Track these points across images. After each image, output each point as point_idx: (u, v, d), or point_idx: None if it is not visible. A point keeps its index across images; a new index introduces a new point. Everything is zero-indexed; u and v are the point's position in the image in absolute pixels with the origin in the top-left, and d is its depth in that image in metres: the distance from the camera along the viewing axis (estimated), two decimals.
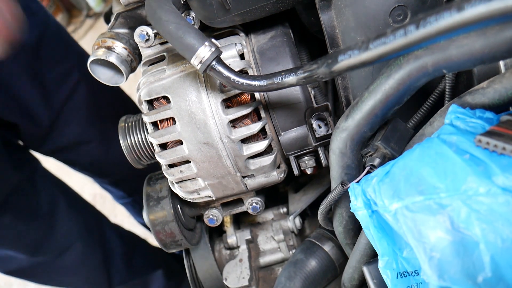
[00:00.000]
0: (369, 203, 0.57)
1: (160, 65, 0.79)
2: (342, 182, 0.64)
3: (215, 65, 0.64)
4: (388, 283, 0.57)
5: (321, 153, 0.78)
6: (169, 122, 0.77)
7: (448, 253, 0.46)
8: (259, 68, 0.77)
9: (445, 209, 0.47)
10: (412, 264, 0.54)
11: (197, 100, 0.73)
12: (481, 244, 0.44)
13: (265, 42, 0.79)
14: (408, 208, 0.50)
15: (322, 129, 0.77)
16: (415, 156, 0.54)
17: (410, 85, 0.56)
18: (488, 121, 0.53)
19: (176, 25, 0.63)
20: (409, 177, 0.52)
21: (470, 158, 0.49)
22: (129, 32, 0.84)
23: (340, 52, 0.52)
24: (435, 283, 0.47)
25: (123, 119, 0.88)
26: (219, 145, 0.74)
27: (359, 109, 0.62)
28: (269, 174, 0.79)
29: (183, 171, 0.78)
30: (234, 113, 0.73)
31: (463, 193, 0.46)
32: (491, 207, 0.45)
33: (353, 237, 0.74)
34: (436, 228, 0.47)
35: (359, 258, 0.72)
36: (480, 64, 0.51)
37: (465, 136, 0.51)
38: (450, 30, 0.39)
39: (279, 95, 0.76)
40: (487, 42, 0.49)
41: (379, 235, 0.57)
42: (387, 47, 0.45)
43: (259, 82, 0.64)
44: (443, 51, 0.52)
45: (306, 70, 0.59)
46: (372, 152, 0.65)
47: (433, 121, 0.60)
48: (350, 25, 0.68)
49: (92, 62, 0.80)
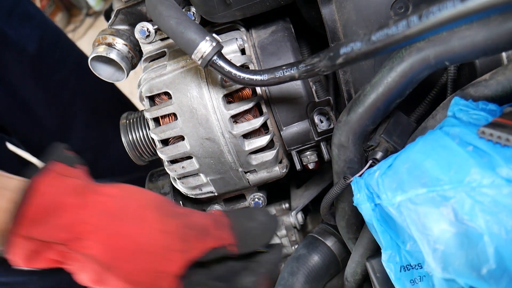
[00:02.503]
0: (372, 196, 0.57)
1: (161, 61, 0.78)
2: (344, 176, 0.64)
3: (216, 60, 0.64)
4: (391, 277, 0.57)
5: (323, 147, 0.78)
6: (171, 118, 0.77)
7: (452, 245, 0.46)
8: (260, 63, 0.77)
9: (448, 201, 0.47)
10: (415, 257, 0.54)
11: (198, 95, 0.73)
12: (485, 236, 0.44)
13: (266, 37, 0.78)
14: (412, 201, 0.50)
15: (324, 124, 0.76)
16: (418, 149, 0.53)
17: (412, 78, 0.56)
18: (491, 113, 0.53)
19: (177, 20, 0.63)
20: (412, 169, 0.52)
21: (474, 150, 0.48)
22: (130, 28, 0.84)
23: (341, 45, 0.51)
24: (439, 275, 0.47)
25: (124, 116, 0.88)
26: (221, 141, 0.74)
27: (361, 102, 0.61)
28: (271, 169, 0.79)
29: (185, 167, 0.77)
30: (236, 108, 0.73)
31: (467, 185, 0.46)
32: (495, 198, 0.45)
33: (356, 232, 0.74)
34: (440, 220, 0.47)
35: (362, 252, 0.71)
36: (483, 55, 0.51)
37: (468, 128, 0.51)
38: (453, 20, 0.39)
39: (280, 90, 0.76)
40: (489, 34, 0.48)
41: (382, 228, 0.57)
42: (389, 38, 0.45)
43: (261, 77, 0.64)
44: (445, 43, 0.51)
45: (308, 64, 0.59)
46: (374, 146, 0.65)
47: (435, 114, 0.59)
48: (351, 19, 0.68)
49: (93, 59, 0.80)
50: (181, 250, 0.59)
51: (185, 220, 0.61)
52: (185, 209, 0.65)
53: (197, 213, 0.65)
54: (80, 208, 0.56)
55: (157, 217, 0.60)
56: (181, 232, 0.60)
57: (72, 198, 0.56)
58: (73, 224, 0.55)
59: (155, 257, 0.57)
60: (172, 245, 0.58)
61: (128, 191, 0.62)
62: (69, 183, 0.57)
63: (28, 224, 0.53)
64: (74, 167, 0.61)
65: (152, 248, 0.57)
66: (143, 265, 0.57)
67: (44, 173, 0.56)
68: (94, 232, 0.56)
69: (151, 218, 0.59)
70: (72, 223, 0.55)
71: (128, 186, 0.63)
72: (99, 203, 0.58)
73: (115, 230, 0.57)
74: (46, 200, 0.54)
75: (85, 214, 0.56)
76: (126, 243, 0.57)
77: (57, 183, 0.56)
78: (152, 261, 0.57)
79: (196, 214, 0.64)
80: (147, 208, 0.60)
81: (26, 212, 0.53)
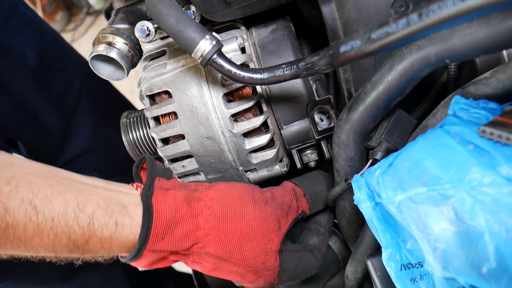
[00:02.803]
0: (372, 195, 0.57)
1: (161, 59, 0.78)
2: (346, 178, 0.65)
3: (216, 58, 0.64)
4: (391, 275, 0.57)
5: (324, 146, 0.78)
6: (171, 116, 0.77)
7: (452, 244, 0.46)
8: (260, 62, 0.77)
9: (449, 200, 0.47)
10: (416, 256, 0.54)
11: (198, 94, 0.73)
12: (486, 235, 0.44)
13: (266, 36, 0.78)
14: (412, 200, 0.50)
15: (324, 122, 0.76)
16: (418, 147, 0.53)
17: (413, 76, 0.56)
18: (491, 111, 0.53)
19: (176, 19, 0.63)
20: (412, 168, 0.52)
21: (474, 149, 0.48)
22: (130, 27, 0.84)
23: (341, 43, 0.51)
24: (439, 274, 0.47)
25: (124, 115, 0.88)
26: (221, 139, 0.74)
27: (361, 101, 0.61)
28: (272, 168, 0.79)
29: (186, 166, 0.77)
30: (236, 107, 0.73)
31: (467, 183, 0.46)
32: (496, 197, 0.45)
33: (357, 230, 0.74)
34: (440, 219, 0.47)
35: (362, 251, 0.71)
36: (483, 54, 0.51)
37: (469, 126, 0.51)
38: (453, 18, 0.39)
39: (280, 89, 0.76)
40: (490, 32, 0.48)
41: (383, 227, 0.57)
42: (389, 36, 0.45)
43: (261, 75, 0.64)
44: (446, 41, 0.51)
45: (308, 62, 0.59)
46: (375, 146, 0.65)
47: (436, 112, 0.59)
48: (351, 17, 0.68)
49: (93, 58, 0.80)
50: (277, 229, 0.70)
51: (275, 203, 0.71)
52: (269, 191, 0.73)
53: (278, 190, 0.74)
54: (193, 217, 0.65)
55: (254, 207, 0.69)
56: (275, 214, 0.70)
57: (184, 210, 0.64)
58: (191, 232, 0.64)
59: (259, 241, 0.68)
60: (270, 228, 0.69)
61: (224, 191, 0.70)
62: (178, 197, 0.65)
63: (155, 241, 0.61)
64: (172, 179, 0.68)
65: (256, 235, 0.68)
66: (251, 250, 0.68)
67: (156, 192, 0.64)
68: (207, 234, 0.65)
69: (250, 210, 0.69)
70: (190, 231, 0.64)
71: (222, 186, 0.71)
72: (205, 208, 0.66)
73: (224, 228, 0.66)
74: (166, 218, 0.62)
75: (198, 221, 0.65)
76: (234, 236, 0.67)
77: (169, 200, 0.64)
78: (258, 245, 0.68)
79: (279, 192, 0.74)
80: (244, 202, 0.69)
81: (152, 232, 0.61)
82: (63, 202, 0.56)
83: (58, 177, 0.58)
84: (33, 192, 0.54)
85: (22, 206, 0.52)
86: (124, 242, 0.61)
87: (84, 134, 1.45)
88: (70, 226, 0.56)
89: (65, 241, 0.56)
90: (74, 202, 0.57)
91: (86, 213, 0.57)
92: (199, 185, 0.71)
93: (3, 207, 0.51)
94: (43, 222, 0.54)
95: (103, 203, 0.59)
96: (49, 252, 0.58)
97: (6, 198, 0.51)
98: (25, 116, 1.29)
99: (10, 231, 0.52)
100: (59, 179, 0.58)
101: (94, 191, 0.60)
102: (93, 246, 0.59)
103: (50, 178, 0.57)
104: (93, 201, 0.58)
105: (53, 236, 0.55)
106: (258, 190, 0.73)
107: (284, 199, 0.73)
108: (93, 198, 0.59)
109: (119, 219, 0.60)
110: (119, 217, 0.60)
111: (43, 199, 0.54)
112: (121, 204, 0.61)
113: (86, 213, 0.57)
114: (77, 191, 0.58)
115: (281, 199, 0.73)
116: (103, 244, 0.59)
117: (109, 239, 0.59)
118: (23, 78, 1.27)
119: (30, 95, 1.29)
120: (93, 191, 0.60)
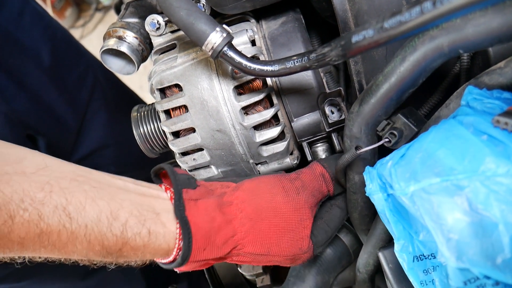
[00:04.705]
0: (384, 186, 0.56)
1: (172, 53, 0.78)
2: (356, 146, 0.63)
3: (227, 50, 0.63)
4: (404, 267, 0.56)
5: (335, 138, 0.78)
6: (182, 110, 0.77)
7: (466, 234, 0.46)
8: (270, 54, 0.77)
9: (463, 191, 0.46)
10: (428, 247, 0.53)
11: (209, 87, 0.73)
12: (500, 225, 0.44)
13: (276, 28, 0.78)
14: (425, 190, 0.49)
15: (335, 115, 0.76)
16: (431, 138, 0.53)
17: (425, 67, 0.55)
18: (506, 101, 0.52)
19: (187, 11, 0.63)
20: (425, 159, 0.51)
21: (488, 139, 0.48)
22: (140, 21, 0.84)
23: (353, 33, 0.51)
24: (453, 264, 0.46)
25: (135, 109, 0.88)
26: (232, 132, 0.74)
27: (373, 93, 0.61)
28: (282, 161, 0.79)
29: (196, 159, 0.78)
30: (246, 100, 0.73)
31: (481, 174, 0.46)
32: (511, 187, 0.44)
33: (368, 223, 0.74)
34: (454, 209, 0.47)
35: (374, 243, 0.71)
36: (498, 43, 0.50)
37: (483, 117, 0.50)
38: (467, 6, 0.38)
39: (291, 81, 0.76)
40: (505, 20, 0.47)
41: (395, 218, 0.56)
42: (402, 25, 0.44)
43: (271, 67, 0.64)
44: (459, 30, 0.50)
45: (319, 53, 0.58)
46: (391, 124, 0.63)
47: (449, 103, 0.59)
48: (363, 8, 0.67)
49: (104, 52, 0.80)
50: (310, 216, 0.71)
51: (307, 191, 0.71)
52: (299, 179, 0.73)
53: (308, 175, 0.74)
54: (228, 223, 0.65)
55: (287, 199, 0.69)
56: (308, 202, 0.71)
57: (220, 219, 0.64)
58: (229, 239, 0.65)
59: (295, 231, 0.69)
60: (304, 215, 0.70)
61: (253, 191, 0.69)
62: (209, 205, 0.65)
63: (196, 254, 0.62)
64: (198, 187, 0.68)
65: (292, 226, 0.69)
66: (288, 241, 0.69)
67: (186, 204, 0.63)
68: (244, 236, 0.66)
69: (282, 203, 0.69)
70: (228, 238, 0.65)
71: (249, 184, 0.70)
72: (239, 211, 0.67)
73: (259, 228, 0.67)
74: (204, 230, 0.63)
75: (234, 226, 0.66)
76: (271, 233, 0.68)
77: (202, 211, 0.64)
78: (294, 235, 0.69)
79: (308, 178, 0.73)
80: (275, 196, 0.69)
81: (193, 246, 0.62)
82: (96, 209, 0.56)
83: (91, 181, 0.58)
84: (67, 199, 0.54)
85: (56, 213, 0.53)
86: (157, 249, 0.61)
87: (99, 129, 1.46)
88: (104, 234, 0.56)
89: (98, 248, 0.57)
90: (107, 209, 0.57)
91: (119, 221, 0.57)
92: (225, 187, 0.70)
93: (38, 213, 0.52)
94: (77, 229, 0.54)
95: (135, 211, 0.59)
96: (82, 257, 0.58)
97: (41, 205, 0.52)
98: (43, 112, 1.29)
99: (44, 237, 0.53)
100: (92, 183, 0.58)
101: (126, 196, 0.60)
102: (126, 253, 0.59)
103: (83, 183, 0.57)
104: (126, 208, 0.58)
105: (86, 243, 0.56)
106: (287, 179, 0.72)
107: (315, 184, 0.73)
108: (125, 205, 0.59)
109: (152, 227, 0.60)
110: (152, 225, 0.60)
111: (77, 205, 0.55)
112: (153, 210, 0.61)
113: (119, 221, 0.57)
114: (110, 197, 0.58)
115: (312, 185, 0.72)
116: (136, 252, 0.60)
117: (142, 247, 0.59)
118: (39, 74, 1.28)
119: (46, 91, 1.30)
120: (125, 197, 0.60)
